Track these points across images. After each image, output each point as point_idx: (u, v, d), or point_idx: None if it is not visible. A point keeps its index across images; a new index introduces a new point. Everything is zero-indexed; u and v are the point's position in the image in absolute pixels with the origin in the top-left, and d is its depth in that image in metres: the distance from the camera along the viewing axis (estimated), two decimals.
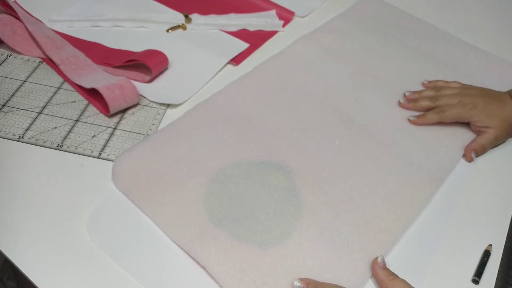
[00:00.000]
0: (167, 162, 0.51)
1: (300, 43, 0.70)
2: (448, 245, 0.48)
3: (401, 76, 0.67)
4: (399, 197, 0.51)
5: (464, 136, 0.59)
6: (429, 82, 0.65)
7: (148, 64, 0.59)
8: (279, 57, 0.67)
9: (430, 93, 0.62)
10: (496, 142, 0.59)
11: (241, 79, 0.62)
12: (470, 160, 0.57)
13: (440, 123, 0.59)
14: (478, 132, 0.59)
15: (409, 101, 0.62)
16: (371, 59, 0.69)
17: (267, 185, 0.50)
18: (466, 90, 0.61)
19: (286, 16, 0.76)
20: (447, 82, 0.64)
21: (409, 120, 0.60)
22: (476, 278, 0.45)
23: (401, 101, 0.62)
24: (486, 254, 0.47)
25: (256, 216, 0.47)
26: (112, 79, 0.56)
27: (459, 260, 0.47)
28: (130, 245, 0.44)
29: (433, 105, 0.60)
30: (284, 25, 0.74)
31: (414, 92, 0.63)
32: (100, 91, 0.54)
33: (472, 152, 0.57)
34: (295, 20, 0.76)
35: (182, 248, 0.44)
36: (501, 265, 0.47)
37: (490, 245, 0.48)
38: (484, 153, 0.58)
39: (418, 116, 0.60)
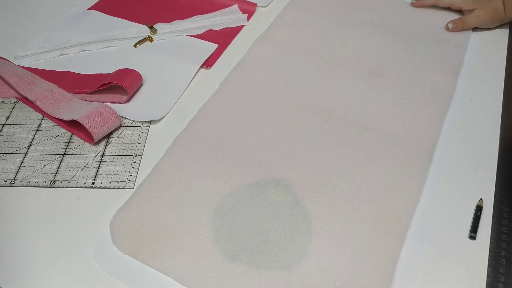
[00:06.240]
0: (164, 211, 0.49)
1: (258, 46, 0.69)
2: (442, 206, 0.50)
3: (364, 54, 0.68)
4: (398, 181, 0.52)
5: (440, 103, 0.60)
6: None
7: (123, 84, 0.59)
8: (241, 66, 0.66)
9: None
10: (479, 21, 0.68)
11: (211, 99, 0.61)
12: (446, 29, 0.69)
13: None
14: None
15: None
16: (330, 44, 0.69)
17: (271, 204, 0.49)
18: None
19: (248, 8, 0.76)
20: None
21: (412, 3, 0.75)
22: (473, 234, 0.47)
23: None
24: (479, 209, 0.49)
25: (269, 240, 0.46)
26: (90, 107, 0.57)
27: (454, 219, 0.49)
28: None
29: None
30: (248, 18, 0.75)
31: None
32: (80, 121, 0.54)
33: (451, 23, 0.69)
34: (259, 11, 0.77)
35: None
36: (493, 217, 0.49)
37: (481, 199, 0.50)
38: (465, 28, 0.69)
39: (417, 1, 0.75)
